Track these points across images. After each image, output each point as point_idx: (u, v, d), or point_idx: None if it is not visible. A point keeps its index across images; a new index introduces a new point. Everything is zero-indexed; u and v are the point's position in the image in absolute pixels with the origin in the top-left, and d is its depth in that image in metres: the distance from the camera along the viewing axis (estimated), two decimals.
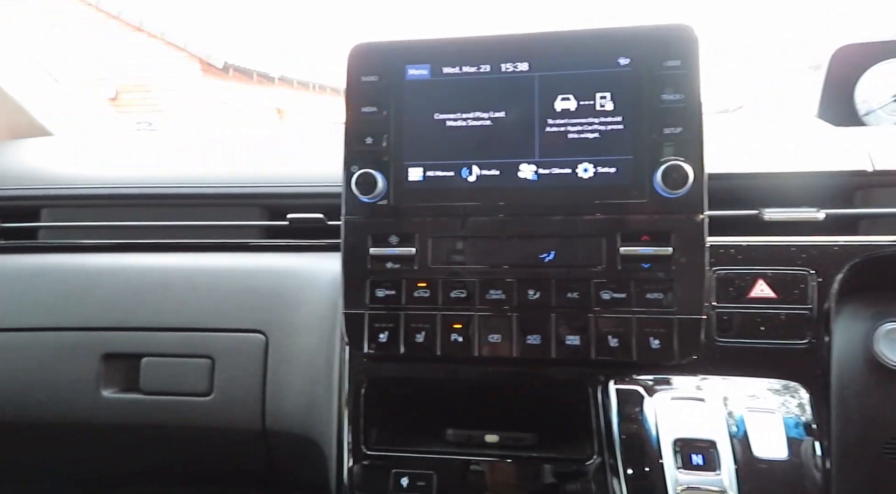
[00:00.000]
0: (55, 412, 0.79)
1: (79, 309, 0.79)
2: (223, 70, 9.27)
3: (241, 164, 0.96)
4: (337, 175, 0.88)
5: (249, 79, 9.88)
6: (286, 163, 0.97)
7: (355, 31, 14.41)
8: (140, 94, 8.70)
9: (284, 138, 1.13)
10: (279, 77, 10.41)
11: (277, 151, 1.05)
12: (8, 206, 0.88)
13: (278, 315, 0.78)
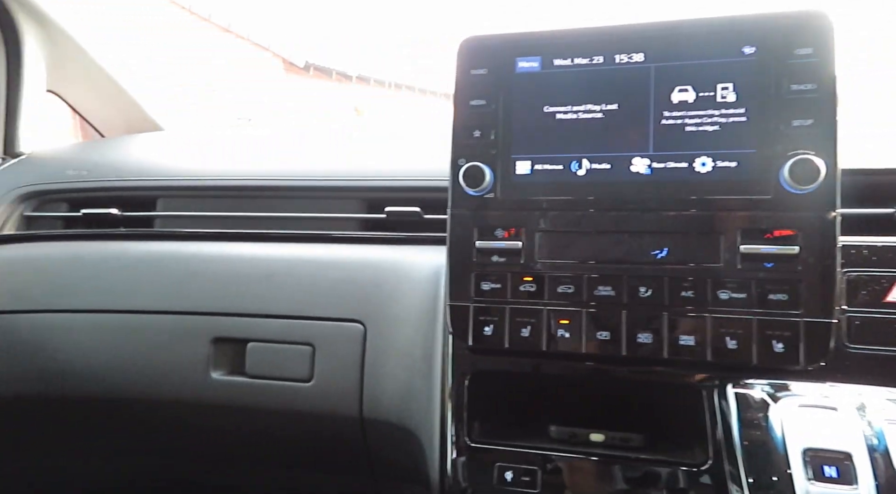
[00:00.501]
0: (168, 390, 0.83)
1: (192, 295, 0.83)
2: (304, 69, 9.56)
3: (340, 158, 0.99)
4: (433, 169, 0.89)
5: (328, 77, 10.15)
6: (384, 157, 0.99)
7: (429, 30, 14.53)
8: (229, 92, 9.08)
9: (380, 133, 1.15)
10: (357, 76, 10.64)
11: (374, 146, 1.07)
12: (128, 196, 0.93)
13: (376, 306, 0.79)
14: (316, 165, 0.94)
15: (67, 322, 0.85)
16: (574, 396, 0.66)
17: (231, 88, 8.95)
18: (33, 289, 0.87)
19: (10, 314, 0.86)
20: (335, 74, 10.23)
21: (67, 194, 0.94)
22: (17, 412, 0.88)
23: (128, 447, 0.93)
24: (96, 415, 0.88)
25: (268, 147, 1.10)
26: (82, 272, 0.87)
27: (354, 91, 10.72)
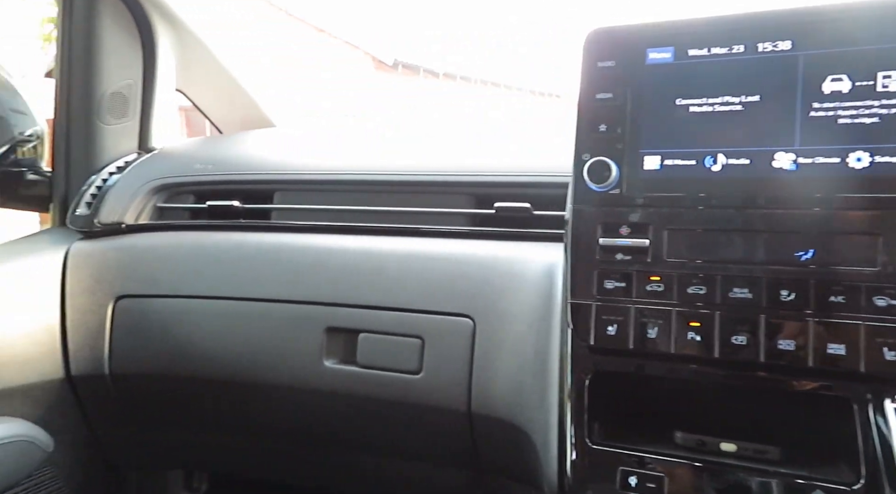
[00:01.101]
0: (283, 375, 0.87)
1: (307, 285, 0.86)
2: (393, 67, 9.74)
3: (448, 153, 0.99)
4: (544, 165, 0.88)
5: (416, 74, 10.28)
6: (492, 153, 0.98)
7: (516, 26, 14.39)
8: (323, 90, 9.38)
9: (487, 129, 1.15)
10: (444, 73, 10.72)
11: (481, 141, 1.06)
12: (248, 189, 0.98)
13: (486, 301, 0.79)
14: (425, 161, 0.95)
15: (193, 307, 0.90)
16: (701, 401, 0.63)
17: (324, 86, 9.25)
18: (163, 275, 0.92)
19: (143, 298, 0.92)
20: (423, 71, 10.35)
21: (194, 186, 0.99)
22: (146, 387, 0.94)
23: (244, 427, 0.97)
24: (216, 395, 0.93)
25: (375, 143, 1.12)
26: (207, 261, 0.92)
27: (442, 88, 10.81)
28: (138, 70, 1.06)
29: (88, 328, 0.93)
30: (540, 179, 0.84)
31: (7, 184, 1.03)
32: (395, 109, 9.49)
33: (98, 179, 1.01)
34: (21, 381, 0.89)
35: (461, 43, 12.22)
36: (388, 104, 9.53)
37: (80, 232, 0.98)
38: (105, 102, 1.03)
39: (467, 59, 11.55)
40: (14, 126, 1.04)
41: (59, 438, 0.92)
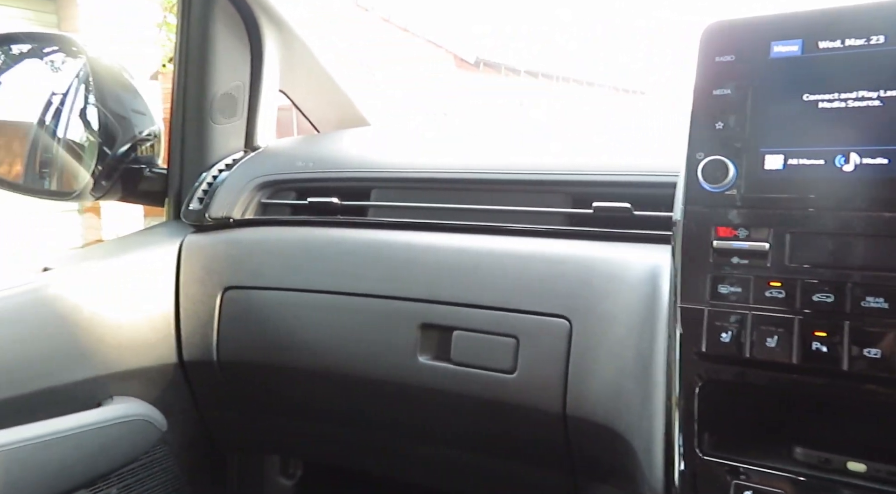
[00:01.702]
0: (378, 370, 0.88)
1: (402, 281, 0.88)
2: (474, 65, 9.76)
3: (543, 151, 0.98)
4: (644, 164, 0.85)
5: (498, 72, 10.26)
6: (588, 151, 0.96)
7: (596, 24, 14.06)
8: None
9: (577, 126, 1.13)
10: (525, 70, 10.64)
11: (575, 139, 1.05)
12: (346, 186, 1.00)
13: (584, 303, 0.77)
14: (520, 159, 0.94)
15: (294, 299, 0.94)
16: (823, 415, 0.60)
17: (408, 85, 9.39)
18: (267, 268, 0.96)
19: (249, 289, 0.97)
20: (504, 68, 10.31)
21: (296, 183, 1.03)
22: (250, 374, 0.99)
23: (339, 417, 1.00)
24: (314, 385, 0.96)
25: (469, 140, 1.12)
26: (307, 255, 0.95)
27: (523, 85, 10.73)
28: (246, 72, 1.11)
29: (199, 317, 0.98)
30: (641, 178, 0.82)
31: (128, 180, 1.11)
32: (478, 106, 9.51)
33: (209, 176, 1.07)
34: (139, 364, 0.95)
35: (542, 40, 12.08)
36: (471, 102, 9.56)
37: (193, 226, 1.04)
38: (216, 102, 1.09)
39: (548, 57, 11.41)
40: (135, 126, 1.11)
41: (172, 419, 0.98)
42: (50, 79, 1.16)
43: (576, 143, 1.02)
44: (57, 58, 1.17)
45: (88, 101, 1.12)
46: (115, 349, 0.92)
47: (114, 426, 0.89)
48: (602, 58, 12.98)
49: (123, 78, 1.10)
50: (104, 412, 0.89)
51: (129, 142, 1.09)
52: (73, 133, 1.12)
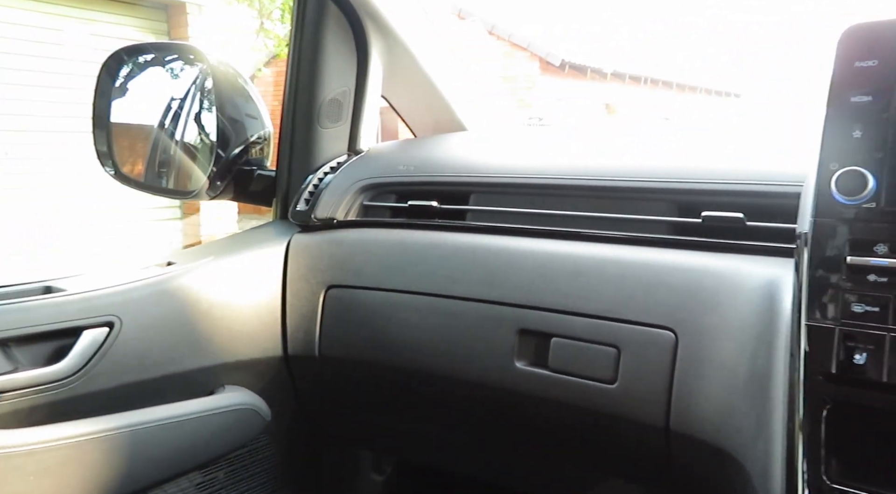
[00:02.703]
0: (475, 373, 0.89)
1: (501, 286, 0.88)
2: (559, 68, 9.64)
3: (646, 156, 0.96)
4: (758, 172, 0.81)
5: (583, 75, 10.09)
6: (695, 156, 0.93)
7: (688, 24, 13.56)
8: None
9: (682, 130, 1.10)
10: (612, 72, 10.41)
11: (680, 144, 1.01)
12: (445, 190, 1.02)
13: (691, 315, 0.75)
14: (622, 165, 0.92)
15: (393, 300, 0.96)
16: None
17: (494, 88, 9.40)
18: (368, 268, 0.99)
19: (350, 288, 1.00)
20: (590, 71, 10.13)
21: (397, 186, 1.05)
22: (349, 371, 1.02)
23: (433, 418, 1.02)
24: (409, 385, 0.98)
25: (568, 146, 1.11)
26: (407, 257, 0.97)
27: (609, 89, 10.51)
28: (352, 78, 1.15)
29: (303, 313, 1.02)
30: (755, 187, 0.78)
31: (240, 181, 1.17)
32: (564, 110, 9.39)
33: (315, 178, 1.11)
34: (248, 356, 1.00)
35: (629, 42, 11.78)
36: (557, 106, 9.45)
37: (299, 225, 1.09)
38: (324, 107, 1.13)
39: (635, 59, 11.11)
40: (247, 129, 1.17)
41: (274, 410, 1.03)
42: (171, 84, 1.24)
43: (679, 148, 0.99)
44: (178, 65, 1.26)
45: (206, 105, 1.19)
46: (228, 340, 0.97)
47: (224, 414, 0.94)
48: (693, 59, 12.52)
49: (239, 83, 1.16)
50: (216, 400, 0.95)
51: (241, 145, 1.15)
52: (192, 136, 1.20)
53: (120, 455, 0.82)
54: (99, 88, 1.13)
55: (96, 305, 0.85)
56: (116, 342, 0.85)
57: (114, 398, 0.85)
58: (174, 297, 0.92)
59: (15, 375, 0.77)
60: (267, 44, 9.62)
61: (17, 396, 0.77)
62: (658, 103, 11.00)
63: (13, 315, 0.78)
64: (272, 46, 9.69)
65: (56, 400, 0.80)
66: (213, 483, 1.01)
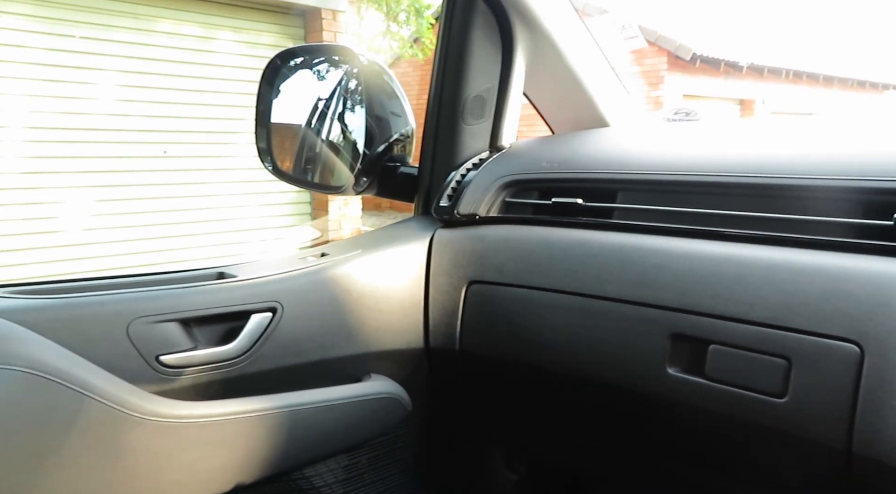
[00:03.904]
0: (622, 377, 0.86)
1: (652, 288, 0.84)
2: (690, 61, 9.15)
3: (816, 152, 0.87)
4: None
5: (716, 70, 9.51)
6: (878, 152, 0.84)
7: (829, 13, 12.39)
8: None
9: (851, 124, 0.99)
10: (748, 65, 9.72)
11: (855, 139, 0.92)
12: (591, 187, 0.99)
13: (880, 327, 0.67)
14: (789, 160, 0.85)
15: (536, 298, 0.94)
16: None
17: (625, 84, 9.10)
18: (510, 265, 0.98)
19: (492, 285, 1.00)
20: (724, 65, 9.53)
21: (540, 183, 1.04)
22: (489, 367, 1.02)
23: (572, 420, 0.99)
24: (550, 384, 0.96)
25: (720, 140, 1.04)
26: (551, 255, 0.95)
27: (744, 84, 9.83)
28: (496, 75, 1.15)
29: (445, 308, 1.04)
30: None
31: (384, 177, 1.21)
32: (701, 105, 8.93)
33: (457, 175, 1.12)
34: (392, 346, 1.03)
35: (768, 32, 10.96)
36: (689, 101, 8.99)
37: (442, 221, 1.10)
38: (468, 104, 1.14)
39: (774, 51, 10.31)
40: (392, 127, 1.20)
41: (414, 401, 1.05)
42: (322, 84, 1.31)
43: (854, 143, 0.90)
44: (329, 65, 1.32)
45: (354, 103, 1.24)
46: (374, 330, 1.01)
47: (370, 401, 0.98)
48: (839, 50, 11.42)
49: (386, 81, 1.20)
50: (363, 387, 0.98)
51: (386, 142, 1.18)
52: (340, 133, 1.25)
53: (281, 433, 0.87)
54: (261, 88, 1.21)
55: (262, 291, 0.91)
56: (279, 327, 0.91)
57: (274, 380, 0.91)
58: (328, 286, 0.97)
59: (195, 352, 0.84)
60: (392, 45, 9.94)
61: (195, 372, 0.84)
62: (802, 98, 10.14)
63: (193, 297, 0.85)
64: (396, 48, 10.01)
65: (227, 378, 0.87)
66: (357, 467, 1.05)
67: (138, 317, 0.80)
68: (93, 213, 5.46)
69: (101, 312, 0.78)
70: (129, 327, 0.79)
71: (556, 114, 1.31)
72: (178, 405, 0.78)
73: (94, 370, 0.73)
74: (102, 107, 5.46)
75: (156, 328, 0.81)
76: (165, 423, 0.76)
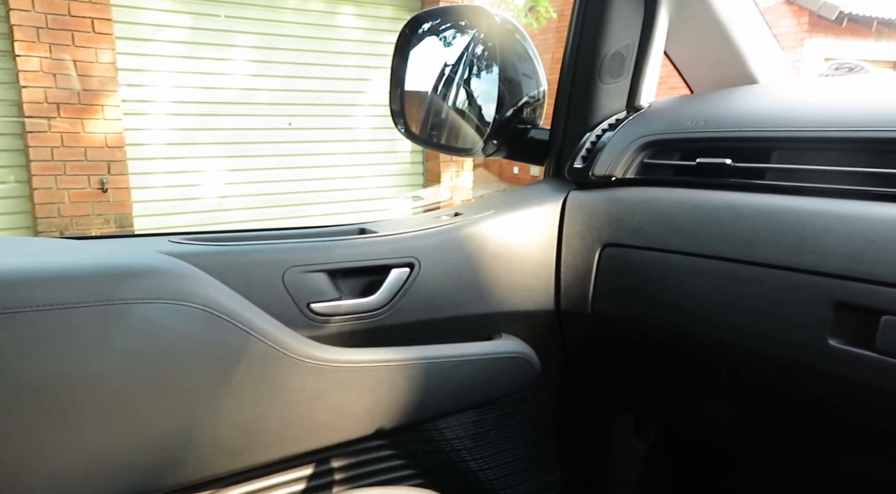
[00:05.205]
0: (770, 345, 0.80)
1: (813, 253, 0.77)
2: (835, 21, 8.28)
3: None
4: None
5: (867, 30, 8.56)
6: None
7: None
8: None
9: None
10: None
11: None
12: (741, 147, 0.92)
13: None
14: None
15: (675, 262, 0.90)
16: None
17: None
18: (649, 228, 0.95)
19: (628, 248, 0.97)
20: (876, 24, 8.55)
21: (684, 143, 0.99)
22: (621, 332, 1.00)
23: (713, 388, 0.95)
24: (688, 351, 0.92)
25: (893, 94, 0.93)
26: (694, 218, 0.90)
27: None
28: (637, 30, 1.10)
29: (577, 270, 1.02)
30: None
31: (514, 140, 1.20)
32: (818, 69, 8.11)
33: (592, 136, 1.09)
34: (523, 307, 1.03)
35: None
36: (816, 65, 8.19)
37: (576, 183, 1.08)
38: (606, 62, 1.10)
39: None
40: (523, 88, 1.19)
41: (543, 363, 1.05)
42: (454, 45, 1.31)
43: None
44: (462, 26, 1.32)
45: (486, 65, 1.23)
46: (506, 290, 1.01)
47: (501, 359, 0.99)
48: None
49: (519, 42, 1.18)
50: (494, 346, 1.00)
51: (517, 104, 1.17)
52: (471, 95, 1.26)
53: (417, 383, 0.90)
54: (396, 52, 1.24)
55: (401, 247, 0.94)
56: (416, 282, 0.93)
57: (410, 333, 0.94)
58: (462, 245, 0.98)
59: (340, 302, 0.89)
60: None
61: (341, 321, 0.89)
62: None
63: (340, 250, 0.89)
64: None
65: (369, 328, 0.91)
66: (484, 424, 1.07)
67: (292, 266, 0.85)
68: (226, 181, 5.89)
69: (261, 259, 0.84)
70: (284, 275, 0.84)
71: (698, 71, 1.24)
72: (329, 350, 0.83)
73: (258, 311, 0.78)
74: (236, 82, 5.83)
75: (307, 278, 0.86)
76: (318, 366, 0.81)
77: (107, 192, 5.17)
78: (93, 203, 5.15)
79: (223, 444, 0.77)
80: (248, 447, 0.79)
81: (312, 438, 0.84)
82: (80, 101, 5.00)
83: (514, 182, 1.77)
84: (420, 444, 1.01)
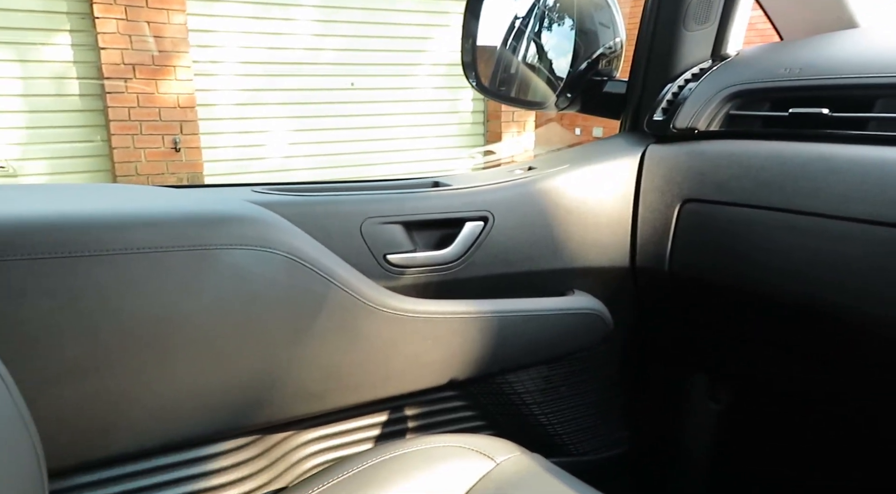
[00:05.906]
0: (869, 308, 0.77)
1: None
2: None
3: None
4: None
5: None
6: None
7: None
8: None
9: None
10: None
11: None
12: (841, 95, 0.86)
13: None
14: None
15: (762, 218, 0.86)
16: None
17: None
18: (734, 182, 0.91)
19: (710, 204, 0.93)
20: None
21: (776, 92, 0.93)
22: (699, 289, 0.97)
23: (794, 347, 0.92)
24: (771, 310, 0.89)
25: None
26: (785, 172, 0.86)
27: None
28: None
29: (655, 226, 0.99)
30: None
31: (589, 93, 1.16)
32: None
33: (674, 87, 1.04)
34: (597, 263, 1.01)
35: None
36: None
37: (655, 136, 1.04)
38: (692, 7, 1.04)
39: None
40: (600, 39, 1.14)
41: (617, 320, 1.04)
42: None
43: None
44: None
45: (561, 16, 1.19)
46: (579, 245, 0.99)
47: (574, 315, 0.98)
48: None
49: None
50: (567, 301, 0.99)
51: (593, 55, 1.13)
52: (546, 47, 1.22)
53: (490, 336, 0.90)
54: (469, 3, 1.21)
55: (475, 200, 0.93)
56: (490, 236, 0.93)
57: (484, 286, 0.94)
58: (536, 199, 0.97)
59: (416, 254, 0.89)
60: None
61: (416, 272, 0.89)
62: None
63: (415, 203, 0.90)
64: None
65: (443, 281, 0.91)
66: (555, 379, 1.07)
67: (369, 217, 0.86)
68: (291, 141, 6.00)
69: (340, 210, 0.85)
70: (361, 225, 0.86)
71: (790, 16, 1.15)
72: (405, 301, 0.84)
73: (338, 260, 0.80)
74: (301, 42, 5.87)
75: (383, 229, 0.87)
76: (395, 315, 0.83)
77: (179, 151, 5.36)
78: (167, 162, 5.36)
79: (304, 387, 0.80)
80: (328, 391, 0.82)
81: (388, 385, 0.86)
82: (153, 62, 5.15)
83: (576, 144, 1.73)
84: (491, 396, 1.02)
